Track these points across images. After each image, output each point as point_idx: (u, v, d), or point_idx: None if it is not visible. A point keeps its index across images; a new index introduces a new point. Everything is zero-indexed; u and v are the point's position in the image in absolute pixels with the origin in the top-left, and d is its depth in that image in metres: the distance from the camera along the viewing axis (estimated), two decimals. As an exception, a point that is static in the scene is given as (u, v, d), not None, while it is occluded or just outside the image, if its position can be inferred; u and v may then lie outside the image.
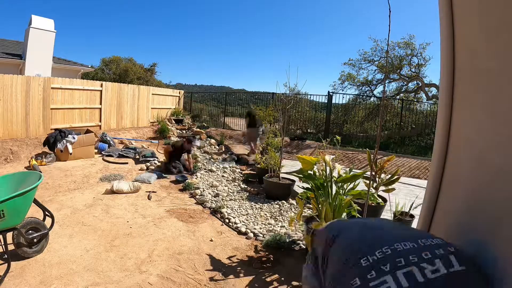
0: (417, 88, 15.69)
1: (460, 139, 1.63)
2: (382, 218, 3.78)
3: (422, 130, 12.61)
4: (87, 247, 3.53)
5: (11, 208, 2.74)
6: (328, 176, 3.53)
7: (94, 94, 10.35)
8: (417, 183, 7.17)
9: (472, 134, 1.49)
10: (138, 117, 12.43)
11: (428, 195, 1.86)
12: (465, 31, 1.54)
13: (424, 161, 9.19)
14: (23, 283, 2.77)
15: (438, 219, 1.81)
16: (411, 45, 14.75)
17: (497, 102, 1.27)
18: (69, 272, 3.01)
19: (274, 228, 4.35)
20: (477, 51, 1.43)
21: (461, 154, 1.60)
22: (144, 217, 4.51)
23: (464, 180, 1.53)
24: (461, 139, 1.62)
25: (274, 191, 5.68)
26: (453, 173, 1.67)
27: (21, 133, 8.05)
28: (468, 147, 1.52)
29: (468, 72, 1.54)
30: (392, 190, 4.18)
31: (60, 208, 4.58)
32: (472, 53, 1.49)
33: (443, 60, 1.70)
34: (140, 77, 23.92)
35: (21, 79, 8.01)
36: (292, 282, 3.05)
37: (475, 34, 1.45)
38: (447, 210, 1.72)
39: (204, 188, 5.99)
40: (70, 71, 16.14)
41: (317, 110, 15.01)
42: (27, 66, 13.32)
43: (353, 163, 9.20)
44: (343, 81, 17.15)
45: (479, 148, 1.39)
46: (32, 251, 3.20)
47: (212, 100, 18.15)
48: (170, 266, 3.26)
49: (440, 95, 1.75)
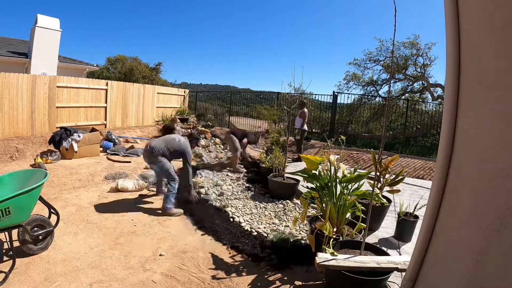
0: (422, 88, 15.58)
1: (466, 139, 1.61)
2: None
3: (427, 131, 12.53)
4: (91, 245, 3.56)
5: (17, 205, 2.77)
6: (332, 176, 3.52)
7: (100, 92, 10.42)
8: (422, 184, 7.12)
9: (478, 134, 1.48)
10: (143, 116, 12.48)
11: (433, 196, 1.85)
12: (471, 31, 1.52)
13: (429, 161, 9.14)
14: (28, 280, 2.79)
15: (443, 221, 1.80)
16: (416, 45, 14.63)
17: (504, 102, 1.26)
18: (74, 269, 3.04)
19: (278, 227, 4.35)
20: (484, 51, 1.41)
21: (467, 155, 1.59)
22: (148, 215, 4.53)
23: (470, 182, 1.51)
24: (466, 139, 1.61)
25: (279, 190, 5.67)
26: (458, 174, 1.66)
27: (26, 131, 8.12)
28: (474, 148, 1.51)
29: (474, 72, 1.52)
30: (397, 191, 4.16)
31: (65, 205, 4.61)
32: (478, 53, 1.47)
33: (448, 60, 1.69)
34: (145, 76, 23.97)
35: (26, 78, 8.08)
36: (295, 282, 3.05)
37: (482, 33, 1.43)
38: (452, 211, 1.71)
39: (209, 187, 5.99)
40: (76, 70, 16.23)
41: (322, 110, 14.96)
42: (33, 65, 13.43)
43: (358, 163, 9.17)
44: (348, 81, 17.07)
45: (485, 149, 1.38)
46: (37, 248, 3.22)
47: (217, 99, 18.18)
48: (174, 265, 3.27)
49: (445, 95, 1.74)
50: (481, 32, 1.47)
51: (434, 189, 1.84)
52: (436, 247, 1.80)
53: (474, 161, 1.51)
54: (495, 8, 1.33)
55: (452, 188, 1.70)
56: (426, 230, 1.90)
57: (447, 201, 1.76)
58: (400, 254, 3.60)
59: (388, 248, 3.65)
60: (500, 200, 1.22)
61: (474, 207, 1.43)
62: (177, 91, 15.38)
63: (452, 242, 1.61)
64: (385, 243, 3.84)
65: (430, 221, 1.88)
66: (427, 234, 1.88)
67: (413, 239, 3.87)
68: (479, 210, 1.38)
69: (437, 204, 1.83)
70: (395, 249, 3.74)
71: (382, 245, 3.73)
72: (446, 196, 1.77)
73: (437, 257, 1.75)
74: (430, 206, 1.88)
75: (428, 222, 1.89)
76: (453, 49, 1.64)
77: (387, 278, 2.64)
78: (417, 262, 1.93)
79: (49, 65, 13.88)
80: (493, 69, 1.36)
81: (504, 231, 1.15)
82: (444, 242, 1.72)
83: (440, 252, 1.74)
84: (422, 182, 7.33)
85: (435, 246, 1.81)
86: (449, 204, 1.74)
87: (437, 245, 1.80)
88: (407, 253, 3.47)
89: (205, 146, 10.12)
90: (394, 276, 2.86)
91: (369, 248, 3.00)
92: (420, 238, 1.96)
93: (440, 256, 1.72)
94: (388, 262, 2.61)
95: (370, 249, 3.00)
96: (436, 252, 1.79)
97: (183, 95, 15.46)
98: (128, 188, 5.50)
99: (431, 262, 1.83)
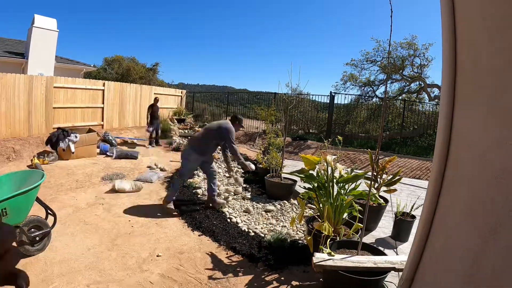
0: (419, 88, 15.64)
1: (462, 139, 1.62)
2: None
3: (424, 131, 12.59)
4: (89, 246, 3.55)
5: (13, 206, 2.76)
6: (329, 176, 3.52)
7: (97, 93, 10.39)
8: (419, 184, 7.16)
9: (474, 134, 1.48)
10: (140, 117, 12.46)
11: (429, 196, 1.86)
12: (467, 29, 1.53)
13: (426, 161, 9.18)
14: (25, 281, 2.78)
15: (439, 220, 1.81)
16: (413, 45, 14.68)
17: (500, 101, 1.26)
18: (71, 270, 3.03)
19: (276, 228, 4.35)
20: (480, 49, 1.42)
21: (463, 154, 1.60)
22: (146, 216, 4.52)
23: (466, 181, 1.52)
24: (463, 139, 1.61)
25: (276, 191, 5.67)
26: (455, 174, 1.67)
27: (23, 132, 8.08)
28: (470, 147, 1.52)
29: (470, 71, 1.53)
30: (393, 190, 4.18)
31: (62, 206, 4.59)
32: (474, 51, 1.48)
33: (444, 58, 1.70)
34: (143, 77, 23.94)
35: (23, 78, 8.04)
36: (292, 282, 3.05)
37: (478, 31, 1.43)
38: (448, 211, 1.72)
39: (206, 188, 5.98)
40: (73, 70, 16.19)
41: (319, 110, 14.99)
42: (29, 65, 13.37)
43: (355, 164, 9.19)
44: (345, 82, 17.10)
45: (482, 148, 1.38)
46: (34, 249, 3.21)
47: (214, 100, 18.18)
48: (171, 265, 3.27)
49: (441, 93, 1.74)
50: (476, 29, 1.48)
51: (431, 189, 1.85)
52: (433, 247, 1.80)
53: (470, 160, 1.52)
54: (490, 5, 1.34)
55: (448, 188, 1.71)
56: (423, 230, 1.91)
57: (443, 201, 1.77)
58: (397, 254, 3.62)
59: (385, 248, 3.66)
60: (496, 199, 1.23)
61: (470, 207, 1.44)
62: (174, 91, 15.37)
63: (449, 242, 1.62)
64: (382, 243, 3.86)
65: (426, 221, 1.89)
66: (424, 234, 1.89)
67: (410, 239, 3.89)
68: (475, 210, 1.39)
69: (434, 204, 1.84)
70: (392, 249, 3.75)
71: (379, 245, 3.75)
72: (443, 196, 1.78)
73: (434, 257, 1.76)
74: (427, 206, 1.89)
75: (424, 222, 1.90)
76: (448, 47, 1.64)
77: (384, 278, 2.65)
78: (414, 262, 1.94)
79: (46, 65, 13.83)
80: (489, 67, 1.37)
81: (500, 230, 1.16)
82: (440, 242, 1.73)
83: (436, 252, 1.75)
84: (419, 182, 7.36)
85: (432, 246, 1.82)
86: (445, 204, 1.75)
87: (433, 245, 1.80)
88: (404, 253, 3.48)
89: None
90: (391, 276, 2.87)
91: (366, 248, 3.01)
92: (417, 238, 1.96)
93: (437, 256, 1.73)
94: (385, 262, 2.62)
95: (367, 249, 3.01)
96: (432, 252, 1.80)
97: (180, 96, 15.45)
98: (125, 189, 5.49)
99: (428, 262, 1.84)
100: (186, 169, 4.88)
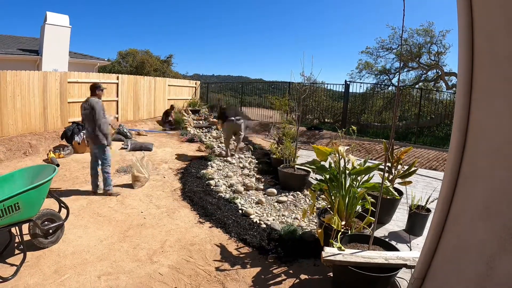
0: (436, 77, 15.18)
1: (479, 131, 1.52)
2: None
3: (441, 121, 12.21)
4: (101, 238, 3.60)
5: (26, 200, 2.80)
6: (342, 167, 3.44)
7: (111, 86, 10.49)
8: (435, 175, 6.95)
9: (492, 125, 1.39)
10: (154, 109, 12.55)
11: (444, 190, 1.77)
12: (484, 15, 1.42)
13: (442, 152, 8.91)
14: (38, 273, 2.84)
15: (453, 219, 1.72)
16: (430, 32, 14.23)
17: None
18: (83, 262, 3.08)
19: (287, 219, 4.31)
20: (497, 37, 1.32)
21: (480, 147, 1.50)
22: (158, 208, 4.55)
23: (482, 177, 1.43)
24: (479, 131, 1.52)
25: (289, 181, 5.62)
26: (471, 169, 1.57)
27: (39, 127, 8.25)
28: (487, 140, 1.42)
29: (487, 59, 1.43)
30: (409, 183, 4.06)
31: (76, 199, 4.68)
32: (492, 38, 1.37)
33: (461, 46, 1.59)
34: (157, 69, 24.07)
35: (37, 75, 8.18)
36: (301, 275, 3.01)
37: (495, 18, 1.33)
38: (464, 208, 1.63)
39: (219, 179, 5.99)
40: (87, 65, 16.38)
41: (334, 99, 14.73)
42: (43, 61, 13.59)
43: (370, 154, 9.02)
44: (361, 70, 16.79)
45: (499, 141, 1.29)
46: (48, 242, 3.28)
47: (229, 90, 18.14)
48: (181, 257, 3.28)
49: (458, 83, 1.64)
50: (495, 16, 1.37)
51: (446, 183, 1.76)
52: (447, 245, 1.72)
53: (486, 155, 1.43)
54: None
55: (464, 184, 1.61)
56: (437, 226, 1.82)
57: (458, 196, 1.68)
58: (411, 248, 3.52)
59: (398, 242, 3.58)
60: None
61: (487, 205, 1.34)
62: (188, 82, 15.39)
63: (463, 241, 1.54)
64: (395, 237, 3.77)
65: (441, 217, 1.80)
66: (438, 231, 1.81)
67: (424, 233, 3.78)
68: (491, 209, 1.29)
69: (449, 199, 1.75)
70: (406, 243, 3.66)
71: (392, 238, 3.66)
72: (458, 191, 1.68)
73: (447, 256, 1.68)
74: (441, 201, 1.80)
75: (438, 218, 1.82)
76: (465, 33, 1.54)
77: (396, 274, 2.57)
78: (427, 260, 1.86)
79: (60, 61, 14.02)
80: (507, 55, 1.27)
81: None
82: (454, 240, 1.64)
83: (450, 251, 1.67)
84: (436, 174, 7.16)
85: (446, 243, 1.73)
86: (460, 200, 1.66)
87: (447, 243, 1.72)
88: (418, 248, 3.39)
89: (217, 138, 10.12)
90: (403, 271, 2.79)
91: (378, 242, 2.93)
92: (430, 234, 1.88)
93: (450, 255, 1.64)
94: (396, 258, 2.54)
95: (379, 243, 2.93)
96: (446, 250, 1.71)
97: (195, 87, 15.46)
98: (141, 178, 5.51)
99: (440, 261, 1.75)
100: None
